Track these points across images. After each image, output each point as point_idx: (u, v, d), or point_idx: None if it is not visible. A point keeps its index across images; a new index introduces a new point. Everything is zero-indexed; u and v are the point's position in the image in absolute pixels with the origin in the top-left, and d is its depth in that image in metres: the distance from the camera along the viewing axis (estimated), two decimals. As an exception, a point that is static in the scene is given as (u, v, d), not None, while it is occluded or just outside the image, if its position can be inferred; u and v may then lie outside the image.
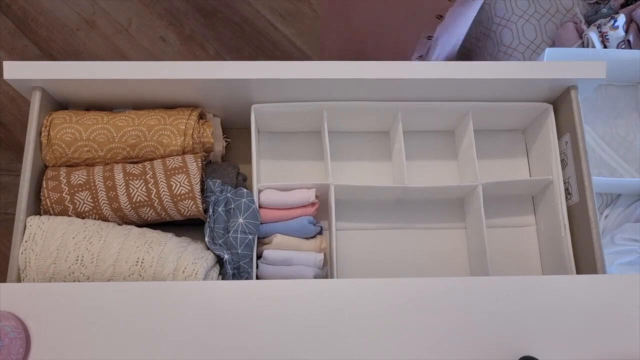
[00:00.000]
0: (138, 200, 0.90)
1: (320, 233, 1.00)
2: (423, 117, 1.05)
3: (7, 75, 0.90)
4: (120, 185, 0.90)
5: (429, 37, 0.95)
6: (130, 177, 0.91)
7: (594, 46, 1.31)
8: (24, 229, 0.87)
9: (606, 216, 1.25)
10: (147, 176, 0.91)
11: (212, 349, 0.77)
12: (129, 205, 0.90)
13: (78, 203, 0.90)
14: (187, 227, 0.97)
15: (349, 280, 0.84)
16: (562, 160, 1.01)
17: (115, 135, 0.93)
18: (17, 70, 0.91)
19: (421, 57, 1.01)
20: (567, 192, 1.00)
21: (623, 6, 1.37)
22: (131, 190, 0.90)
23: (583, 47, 1.33)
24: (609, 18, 1.31)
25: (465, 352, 0.78)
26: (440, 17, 0.87)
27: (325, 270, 0.97)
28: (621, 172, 1.27)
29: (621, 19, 1.30)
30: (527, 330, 0.79)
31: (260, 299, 0.79)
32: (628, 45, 1.31)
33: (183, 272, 0.86)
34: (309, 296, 0.80)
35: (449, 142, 1.11)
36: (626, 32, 1.31)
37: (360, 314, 0.79)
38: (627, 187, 1.22)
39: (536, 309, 0.80)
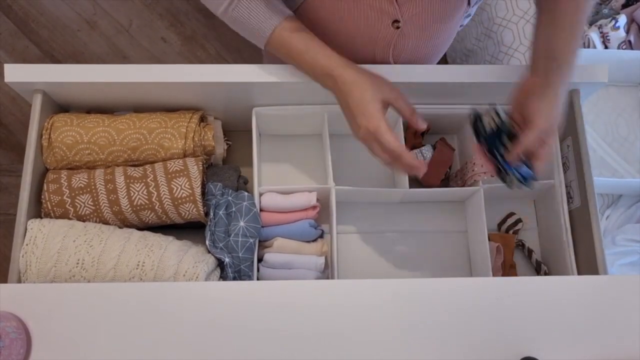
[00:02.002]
0: (139, 203, 0.90)
1: (321, 236, 1.00)
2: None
3: (8, 78, 0.90)
4: (121, 189, 0.90)
5: None
6: (131, 180, 0.91)
7: (594, 46, 1.31)
8: (25, 232, 0.87)
9: (607, 217, 1.25)
10: (148, 179, 0.91)
11: (212, 349, 0.77)
12: (129, 209, 0.90)
13: (79, 206, 0.90)
14: (188, 230, 0.97)
15: (350, 281, 0.84)
16: (563, 164, 1.01)
17: (116, 138, 0.93)
18: (18, 73, 0.91)
19: None
20: (569, 196, 1.00)
21: (624, 7, 1.37)
22: (132, 194, 0.90)
23: (584, 47, 1.33)
24: (610, 19, 1.31)
25: (467, 353, 0.78)
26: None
27: (326, 274, 0.97)
28: (622, 173, 1.27)
29: (622, 20, 1.30)
30: (528, 331, 0.79)
31: (260, 299, 0.79)
32: (629, 45, 1.31)
33: (184, 275, 0.86)
34: (310, 297, 0.80)
35: (450, 145, 1.11)
36: (627, 32, 1.31)
37: (360, 314, 0.79)
38: (628, 188, 1.22)
39: (537, 310, 0.80)
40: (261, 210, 0.96)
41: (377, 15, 0.88)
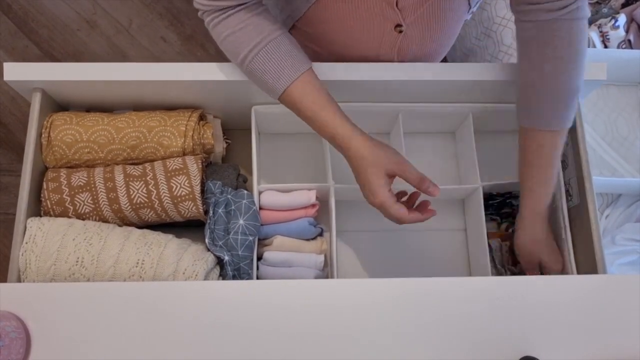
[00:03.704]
0: (138, 201, 0.90)
1: (320, 235, 1.00)
2: (423, 118, 1.05)
3: (7, 77, 0.90)
4: (120, 187, 0.90)
5: None
6: (131, 179, 0.91)
7: (594, 46, 1.31)
8: (24, 231, 0.87)
9: (607, 216, 1.25)
10: (148, 177, 0.91)
11: (212, 349, 0.77)
12: (129, 207, 0.90)
13: (78, 204, 0.90)
14: (188, 228, 0.98)
15: (349, 281, 0.84)
16: (562, 162, 1.01)
17: (115, 136, 0.93)
18: (18, 72, 0.91)
19: None
20: (568, 194, 1.00)
21: (624, 6, 1.37)
22: (131, 192, 0.90)
23: (584, 46, 1.33)
24: (610, 18, 1.31)
25: (466, 353, 0.78)
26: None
27: (325, 272, 0.97)
28: (622, 172, 1.27)
29: (622, 19, 1.29)
30: (527, 331, 0.79)
31: (260, 299, 0.79)
32: (629, 45, 1.30)
33: (183, 273, 0.86)
34: (309, 296, 0.80)
35: (449, 144, 1.11)
36: (627, 32, 1.31)
37: (360, 314, 0.79)
38: (628, 187, 1.21)
39: (537, 310, 0.80)
40: (260, 208, 0.96)
41: (379, 20, 0.89)
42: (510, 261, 1.00)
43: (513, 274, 1.00)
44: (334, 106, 0.83)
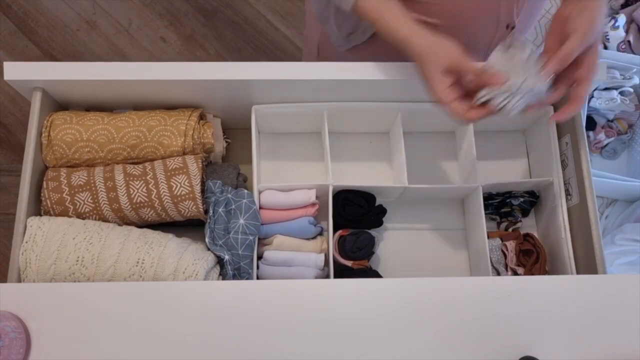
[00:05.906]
0: (138, 201, 0.90)
1: (320, 234, 1.00)
2: (423, 118, 1.05)
3: (7, 76, 0.90)
4: (120, 186, 0.90)
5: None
6: (131, 178, 0.91)
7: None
8: (25, 230, 0.87)
9: (606, 216, 1.25)
10: (148, 177, 0.91)
11: (212, 348, 0.77)
12: (129, 206, 0.90)
13: (78, 204, 0.90)
14: (188, 227, 0.98)
15: (349, 281, 0.84)
16: (562, 161, 1.01)
17: (115, 136, 0.93)
18: (18, 71, 0.91)
19: None
20: (568, 193, 1.00)
21: (623, 7, 1.37)
22: (131, 191, 0.90)
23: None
24: (610, 18, 1.31)
25: (466, 353, 0.78)
26: None
27: (325, 271, 0.97)
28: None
29: (621, 19, 1.30)
30: (527, 331, 0.79)
31: (260, 299, 0.79)
32: (628, 45, 1.31)
33: (183, 272, 0.86)
34: (309, 296, 0.80)
35: (449, 143, 1.11)
36: (626, 32, 1.31)
37: (360, 314, 0.79)
38: (626, 191, 1.21)
39: (537, 309, 0.80)
40: (261, 207, 0.96)
41: (493, 19, 0.89)
42: (514, 261, 1.00)
43: (514, 273, 1.00)
44: (394, 12, 0.84)
